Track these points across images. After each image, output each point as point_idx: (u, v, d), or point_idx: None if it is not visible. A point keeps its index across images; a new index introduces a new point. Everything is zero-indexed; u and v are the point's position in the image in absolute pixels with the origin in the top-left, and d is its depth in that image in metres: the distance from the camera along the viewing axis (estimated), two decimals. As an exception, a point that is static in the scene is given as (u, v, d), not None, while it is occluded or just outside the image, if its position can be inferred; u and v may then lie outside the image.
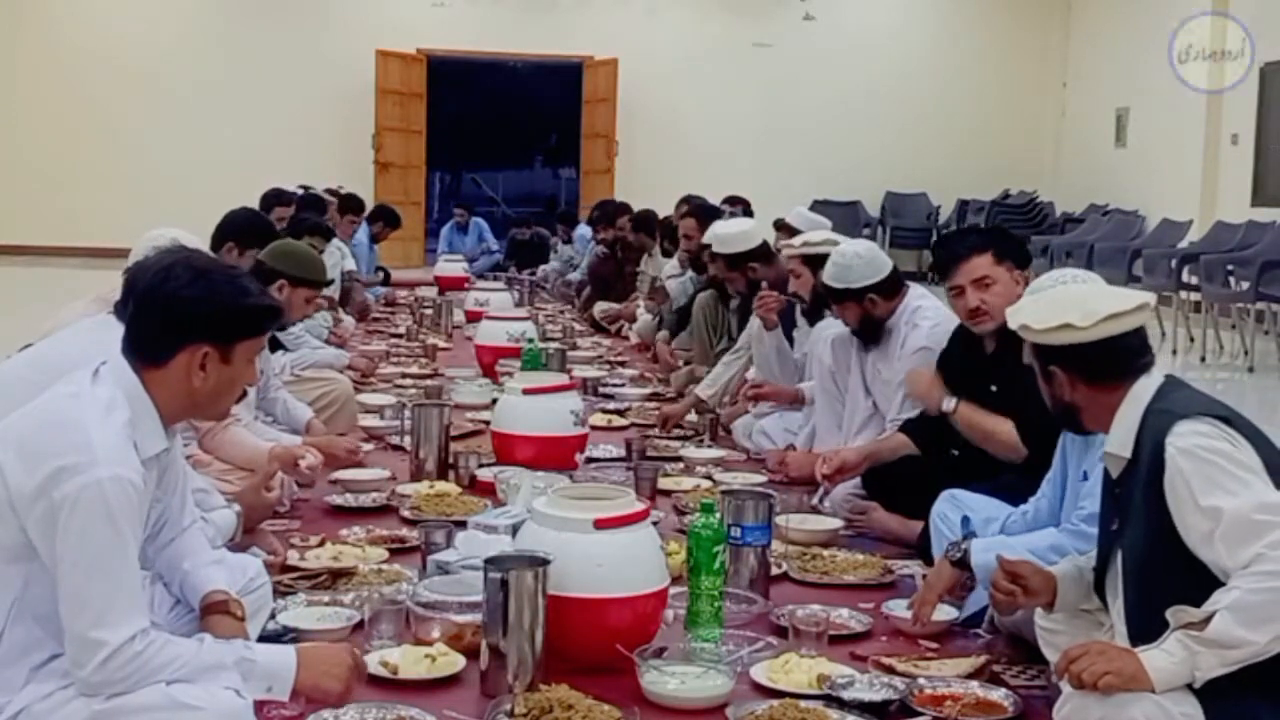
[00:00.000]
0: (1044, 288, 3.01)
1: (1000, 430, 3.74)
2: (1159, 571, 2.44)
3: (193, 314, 2.41)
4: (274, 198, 8.93)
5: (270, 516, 3.94)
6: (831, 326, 4.90)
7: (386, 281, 11.61)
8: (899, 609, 3.36)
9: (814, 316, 5.14)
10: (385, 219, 11.53)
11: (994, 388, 3.78)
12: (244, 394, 2.59)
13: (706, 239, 6.15)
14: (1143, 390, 2.54)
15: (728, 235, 5.83)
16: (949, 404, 3.90)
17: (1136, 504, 2.48)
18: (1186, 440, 2.39)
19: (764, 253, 5.70)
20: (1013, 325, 2.68)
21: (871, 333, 4.54)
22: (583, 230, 12.41)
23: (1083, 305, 2.59)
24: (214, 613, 2.55)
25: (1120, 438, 2.53)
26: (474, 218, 14.98)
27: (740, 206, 8.90)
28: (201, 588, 2.58)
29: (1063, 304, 2.63)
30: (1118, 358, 2.57)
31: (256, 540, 3.55)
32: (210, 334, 2.40)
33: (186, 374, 2.39)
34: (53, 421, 2.29)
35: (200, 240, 3.63)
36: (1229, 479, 2.34)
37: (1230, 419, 2.45)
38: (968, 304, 3.83)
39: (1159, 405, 2.50)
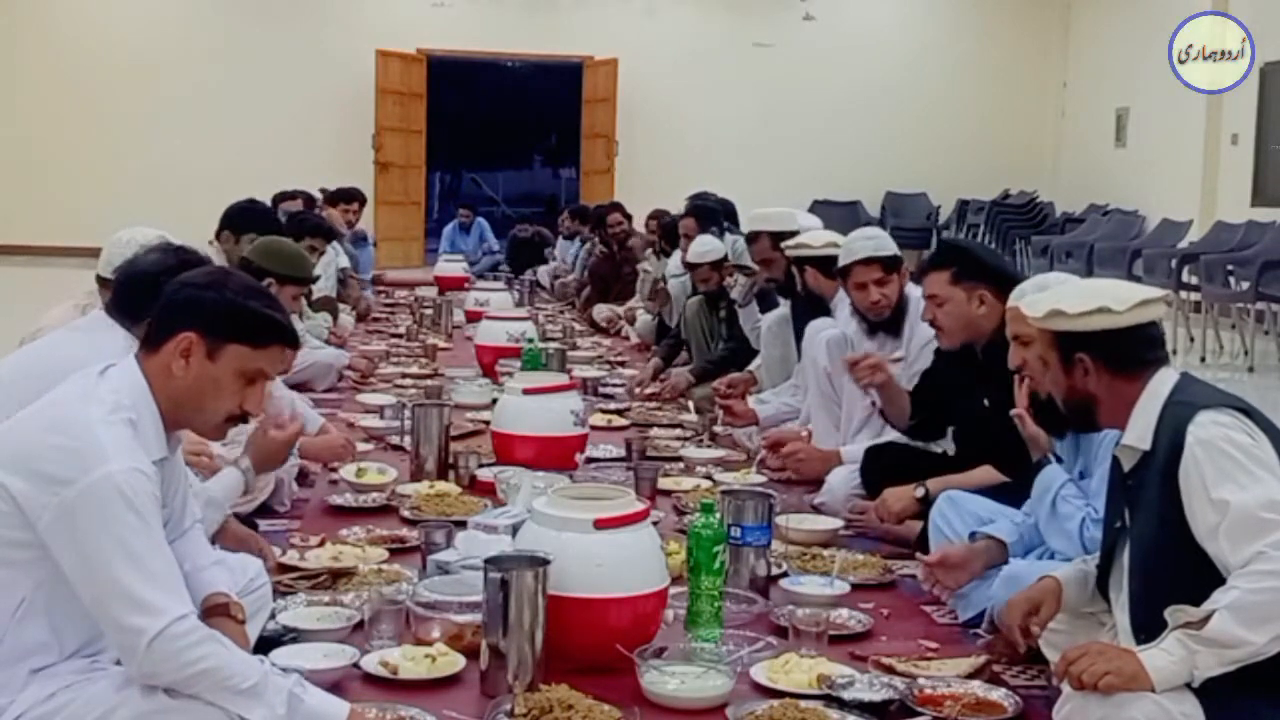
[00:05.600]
0: (1028, 293, 3.01)
1: (979, 479, 3.73)
2: (1166, 563, 2.44)
3: (192, 299, 2.42)
4: (285, 196, 9.05)
5: (284, 460, 3.71)
6: (826, 329, 4.90)
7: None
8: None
9: (821, 311, 5.11)
10: (344, 198, 11.03)
11: (986, 401, 3.77)
12: (243, 418, 2.50)
13: (752, 222, 5.96)
14: (1161, 383, 2.55)
15: (769, 214, 5.84)
16: (919, 492, 3.88)
17: (1149, 496, 2.48)
18: (1207, 430, 2.39)
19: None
20: (1036, 314, 2.66)
21: (901, 314, 4.54)
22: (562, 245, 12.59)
23: (1114, 292, 2.61)
24: (215, 615, 2.54)
25: (1139, 430, 2.53)
26: (477, 218, 14.98)
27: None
28: (202, 590, 2.57)
29: (1093, 291, 2.64)
30: (1145, 345, 2.59)
31: (249, 544, 3.46)
32: (202, 323, 2.39)
33: (170, 362, 2.38)
34: (58, 421, 2.28)
35: (181, 239, 3.60)
36: (1241, 472, 2.34)
37: (1250, 412, 2.46)
38: (927, 315, 3.90)
39: (1179, 398, 2.51)
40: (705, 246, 6.56)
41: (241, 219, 5.37)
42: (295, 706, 2.28)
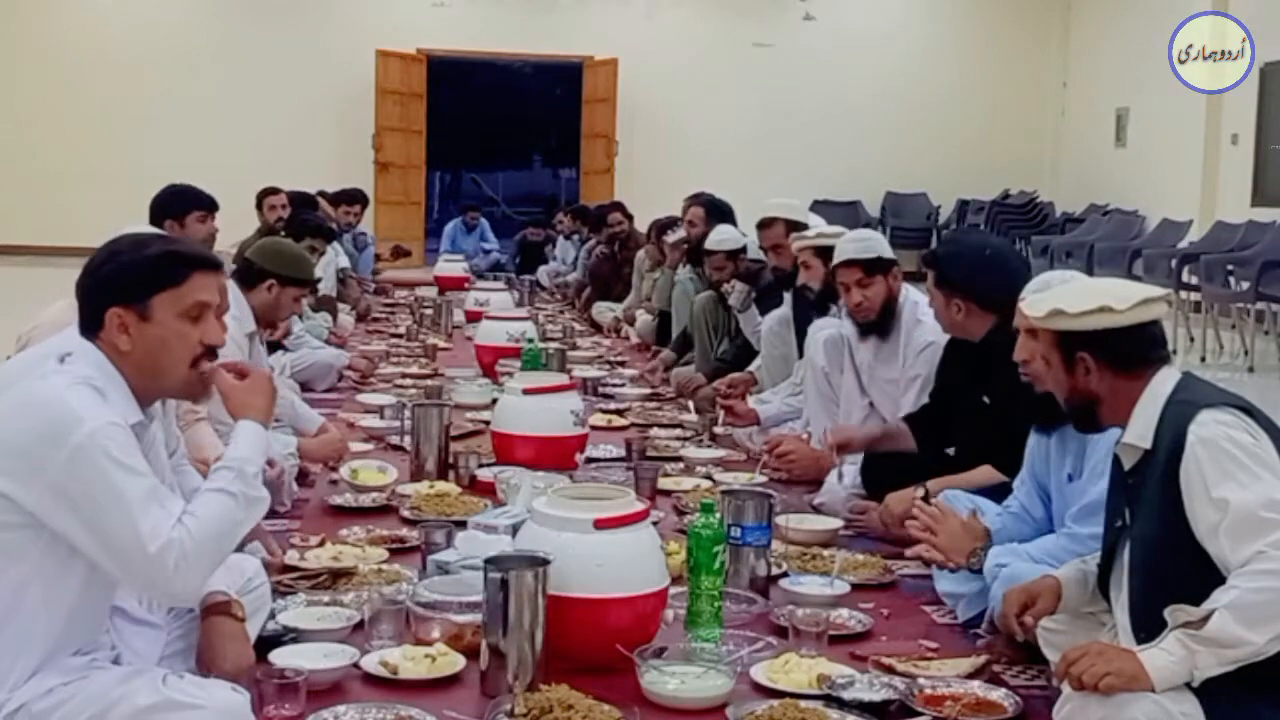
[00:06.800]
0: (1042, 288, 3.01)
1: (979, 479, 3.73)
2: (1167, 562, 2.44)
3: (98, 278, 2.43)
4: (269, 191, 9.12)
5: (273, 496, 3.92)
6: (824, 328, 4.90)
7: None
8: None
9: (822, 309, 5.10)
10: (345, 199, 11.02)
11: (985, 399, 3.77)
12: (210, 354, 2.48)
13: (768, 209, 5.97)
14: (1162, 382, 2.55)
15: (788, 203, 6.00)
16: (919, 492, 3.87)
17: (1150, 495, 2.48)
18: (1208, 429, 2.39)
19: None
20: (1037, 314, 2.66)
21: (889, 317, 4.51)
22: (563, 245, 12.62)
23: (1115, 291, 2.61)
24: (215, 614, 2.55)
25: (1140, 429, 2.53)
26: (480, 219, 14.99)
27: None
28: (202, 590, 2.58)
29: (1094, 290, 2.64)
30: (1146, 344, 2.59)
31: (253, 537, 3.53)
32: (118, 295, 2.39)
33: (114, 339, 2.39)
34: (26, 401, 2.28)
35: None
36: (1242, 471, 2.34)
37: (1252, 411, 2.46)
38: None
39: (1181, 396, 2.51)
40: (724, 234, 6.56)
41: (178, 202, 5.32)
42: (257, 474, 2.47)
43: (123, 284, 2.41)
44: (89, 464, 2.21)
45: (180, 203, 5.30)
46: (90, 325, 2.41)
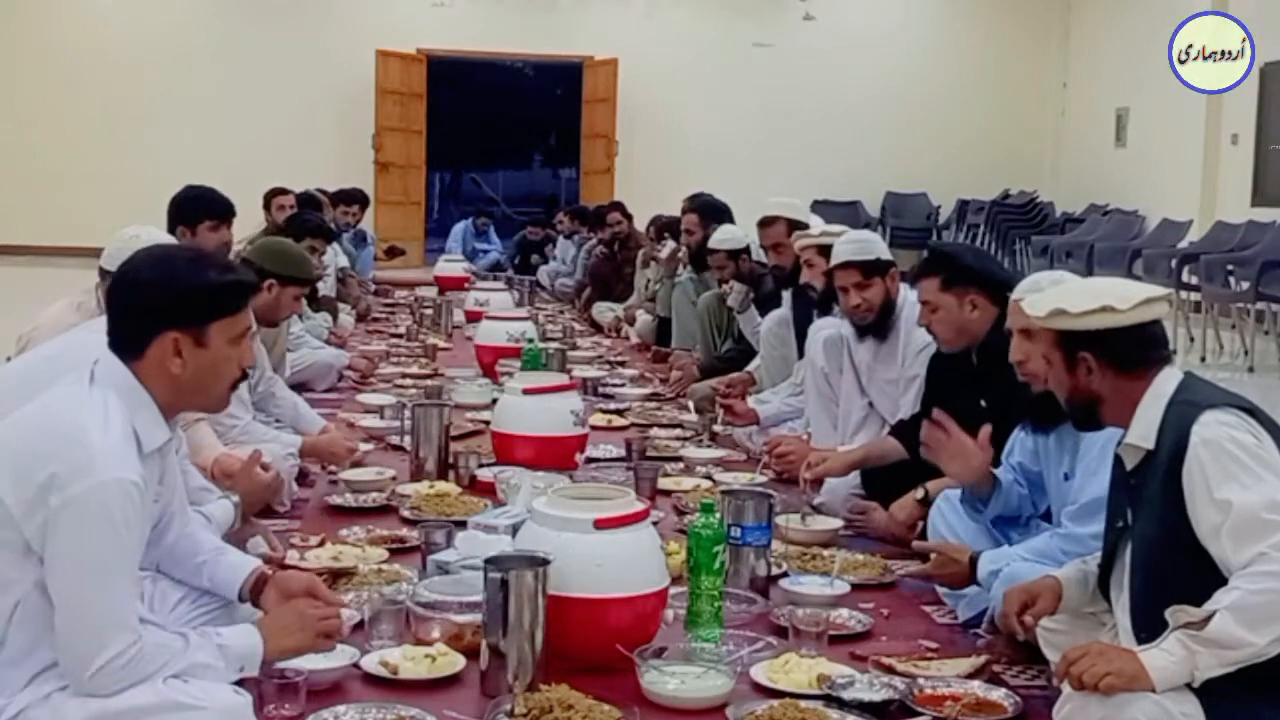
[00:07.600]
0: (1033, 289, 3.01)
1: None
2: (1168, 562, 2.44)
3: (154, 301, 2.39)
4: (277, 192, 9.13)
5: (271, 497, 3.98)
6: (824, 328, 4.89)
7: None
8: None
9: (825, 308, 5.10)
10: (345, 199, 11.01)
11: (983, 402, 3.77)
12: (244, 376, 2.51)
13: (769, 208, 5.99)
14: (1165, 383, 2.55)
15: (789, 201, 6.03)
16: (920, 494, 3.85)
17: (1152, 495, 2.47)
18: (1211, 430, 2.39)
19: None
20: (1039, 314, 2.65)
21: (887, 318, 4.48)
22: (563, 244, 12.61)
23: (1117, 291, 2.60)
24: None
25: (1142, 430, 2.53)
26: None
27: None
28: (242, 565, 2.71)
29: (1095, 290, 2.63)
30: (1148, 344, 2.58)
31: (256, 532, 3.55)
32: (177, 320, 2.38)
33: (164, 363, 2.37)
34: (50, 427, 2.27)
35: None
36: (1244, 472, 2.34)
37: (1254, 412, 2.46)
38: (923, 320, 3.90)
39: (1183, 397, 2.51)
40: (726, 234, 6.57)
41: (193, 208, 5.19)
42: (219, 653, 2.39)
43: (184, 308, 2.39)
44: (87, 516, 2.20)
45: (193, 209, 5.17)
46: (132, 344, 2.38)
